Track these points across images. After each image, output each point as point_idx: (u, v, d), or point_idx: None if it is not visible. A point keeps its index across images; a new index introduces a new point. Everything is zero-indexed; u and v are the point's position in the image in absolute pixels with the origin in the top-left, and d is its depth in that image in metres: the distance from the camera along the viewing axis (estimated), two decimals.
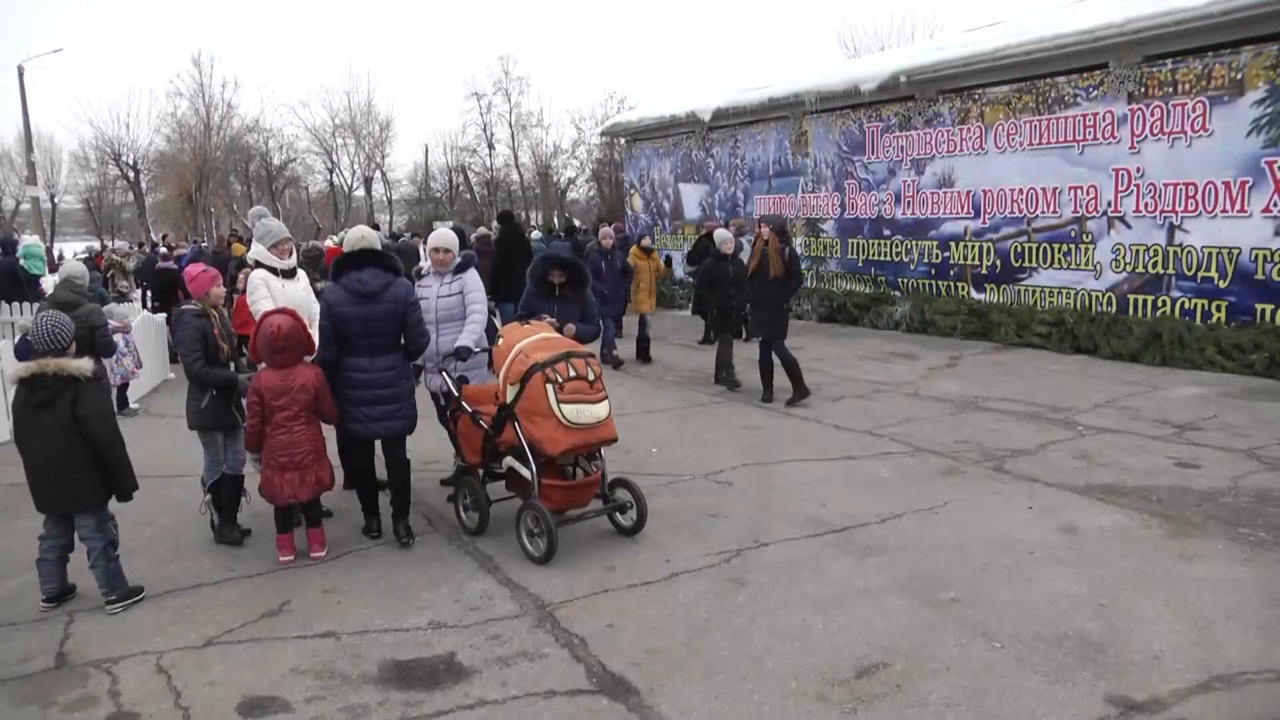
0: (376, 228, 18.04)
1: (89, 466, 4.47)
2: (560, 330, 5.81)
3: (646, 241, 12.81)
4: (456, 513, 5.68)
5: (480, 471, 5.52)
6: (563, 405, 4.90)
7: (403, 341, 5.31)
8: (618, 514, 5.40)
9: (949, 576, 4.69)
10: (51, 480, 4.47)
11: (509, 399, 5.08)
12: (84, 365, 4.48)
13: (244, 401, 5.30)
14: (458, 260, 6.07)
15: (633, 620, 4.28)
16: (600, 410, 5.05)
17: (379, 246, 5.36)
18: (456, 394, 5.56)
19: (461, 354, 5.73)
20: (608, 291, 11.30)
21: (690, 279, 14.86)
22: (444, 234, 6.20)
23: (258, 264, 6.13)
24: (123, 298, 14.36)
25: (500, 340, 5.35)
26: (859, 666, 3.79)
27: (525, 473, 5.09)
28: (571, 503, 5.23)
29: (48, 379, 4.41)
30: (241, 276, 6.85)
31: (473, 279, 6.11)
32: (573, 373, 4.96)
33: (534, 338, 5.20)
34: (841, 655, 3.89)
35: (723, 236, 9.88)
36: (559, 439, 4.93)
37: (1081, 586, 4.51)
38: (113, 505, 4.66)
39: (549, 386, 4.90)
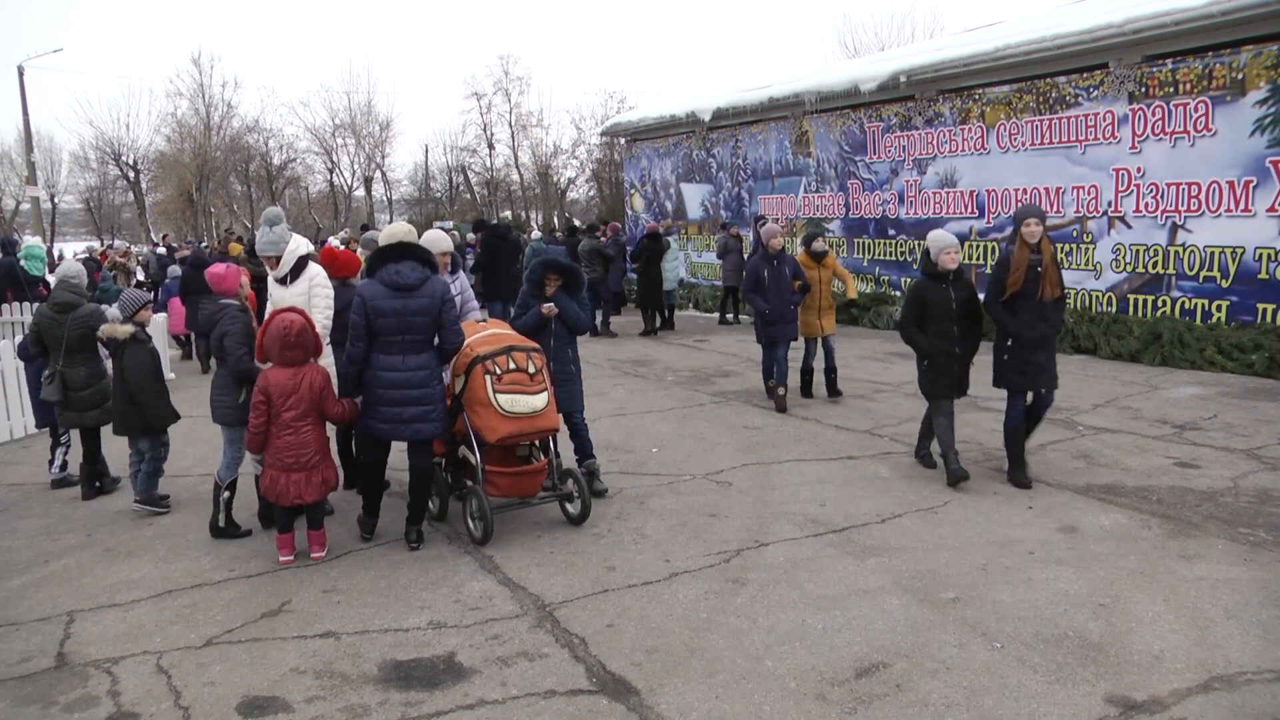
0: (367, 228, 18.01)
1: (131, 404, 6.02)
2: (560, 316, 6.07)
3: (819, 243, 9.28)
4: None
5: (443, 460, 5.77)
6: (499, 395, 5.21)
7: (436, 341, 5.24)
8: (566, 503, 5.67)
9: (949, 576, 4.69)
10: (117, 412, 6.11)
11: (457, 390, 5.36)
12: (125, 329, 6.08)
13: None
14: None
15: (633, 620, 4.28)
16: (538, 401, 5.32)
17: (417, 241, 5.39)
18: None
19: None
20: (770, 309, 8.55)
21: (633, 274, 15.49)
22: (443, 237, 6.21)
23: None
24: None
25: None
26: (859, 666, 3.79)
27: (472, 459, 5.37)
28: (517, 490, 5.46)
29: (114, 341, 6.07)
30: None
31: (463, 279, 6.36)
32: (512, 365, 5.29)
33: (482, 334, 5.51)
34: (841, 655, 3.89)
35: (942, 242, 6.29)
36: (496, 426, 5.22)
37: (1081, 586, 4.51)
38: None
39: (487, 377, 5.22)
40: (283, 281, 5.91)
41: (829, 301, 9.13)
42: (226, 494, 5.58)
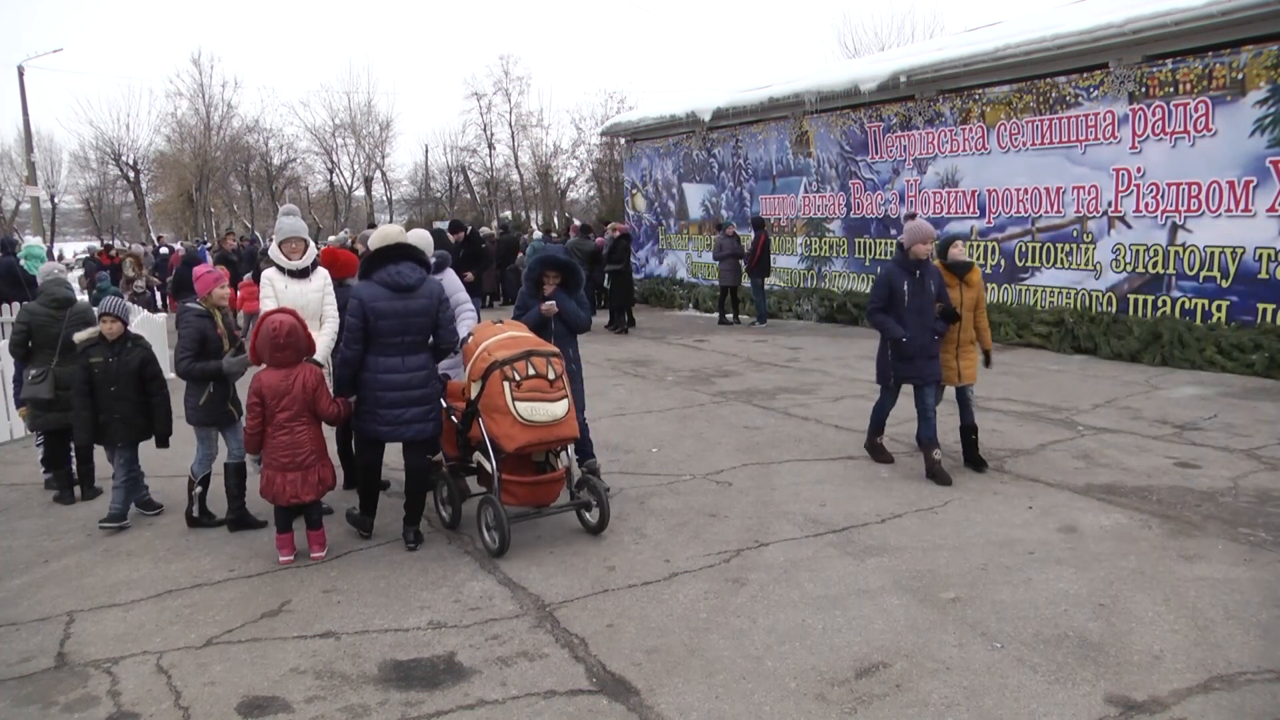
0: (374, 227, 18.09)
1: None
2: (560, 315, 5.95)
3: (958, 249, 6.63)
4: (435, 506, 5.75)
5: (455, 466, 5.64)
6: (518, 403, 5.00)
7: (431, 340, 5.29)
8: (584, 511, 5.49)
9: (949, 576, 4.69)
10: None
11: (472, 395, 5.17)
12: (81, 336, 5.85)
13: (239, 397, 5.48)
14: (432, 260, 6.05)
15: (633, 620, 4.28)
16: (557, 409, 5.11)
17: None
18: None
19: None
20: (909, 334, 6.29)
21: (609, 276, 15.74)
22: (413, 232, 6.14)
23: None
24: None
25: (470, 338, 5.47)
26: (859, 666, 3.79)
27: (488, 467, 5.20)
28: (535, 499, 5.32)
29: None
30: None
31: (451, 279, 6.14)
32: (532, 371, 5.07)
33: (499, 336, 5.28)
34: (841, 655, 3.89)
35: None
36: (515, 435, 5.02)
37: (1081, 586, 4.51)
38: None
39: (506, 384, 5.01)
40: (304, 274, 5.90)
41: (970, 335, 6.56)
42: (199, 489, 5.73)
